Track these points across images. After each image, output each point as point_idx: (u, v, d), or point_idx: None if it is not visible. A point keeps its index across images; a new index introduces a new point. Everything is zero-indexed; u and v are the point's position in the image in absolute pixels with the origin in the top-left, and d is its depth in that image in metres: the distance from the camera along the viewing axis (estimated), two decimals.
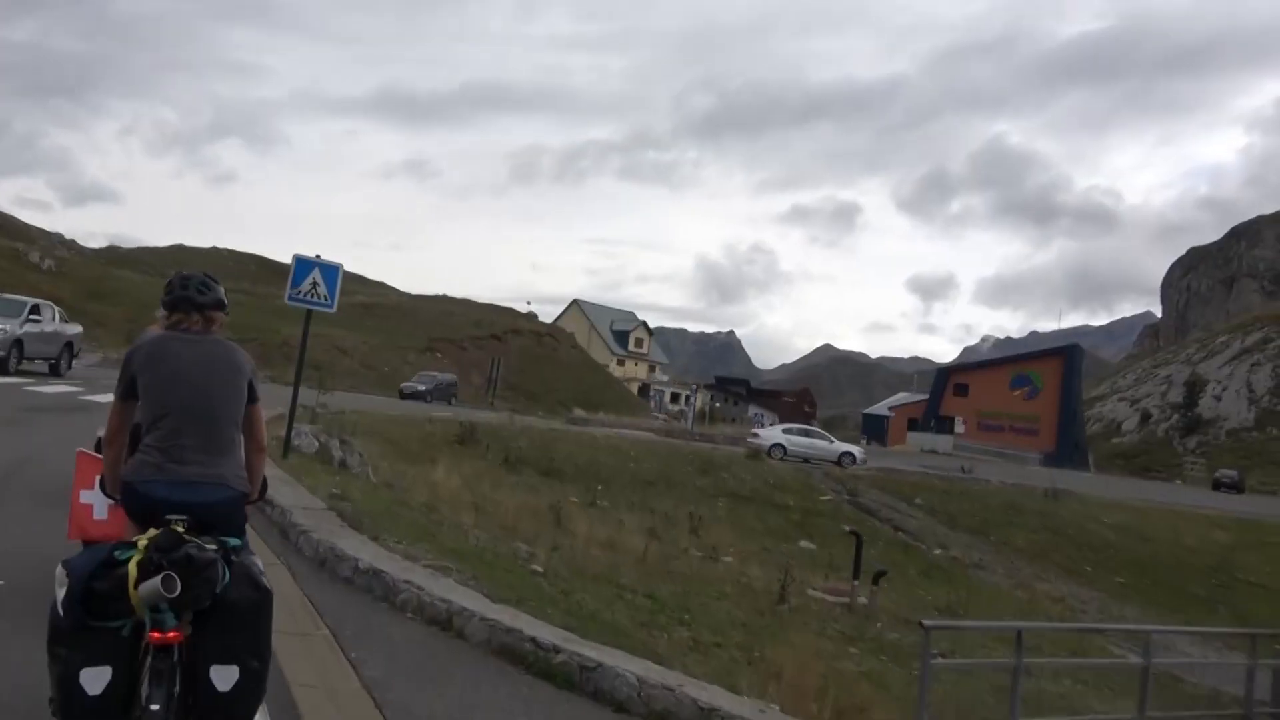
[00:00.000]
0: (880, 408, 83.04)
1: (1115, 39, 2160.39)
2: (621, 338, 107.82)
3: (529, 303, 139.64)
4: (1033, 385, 64.12)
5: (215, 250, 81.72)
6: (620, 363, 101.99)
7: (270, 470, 9.59)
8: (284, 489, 8.62)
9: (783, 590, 11.45)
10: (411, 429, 22.05)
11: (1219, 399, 78.75)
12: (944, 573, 18.51)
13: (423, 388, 46.05)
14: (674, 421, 65.60)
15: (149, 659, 2.67)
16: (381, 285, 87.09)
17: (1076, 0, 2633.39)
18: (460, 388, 59.73)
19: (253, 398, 3.26)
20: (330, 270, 11.86)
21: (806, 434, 32.22)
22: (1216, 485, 52.90)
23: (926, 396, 75.68)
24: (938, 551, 20.53)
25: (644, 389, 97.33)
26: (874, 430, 74.62)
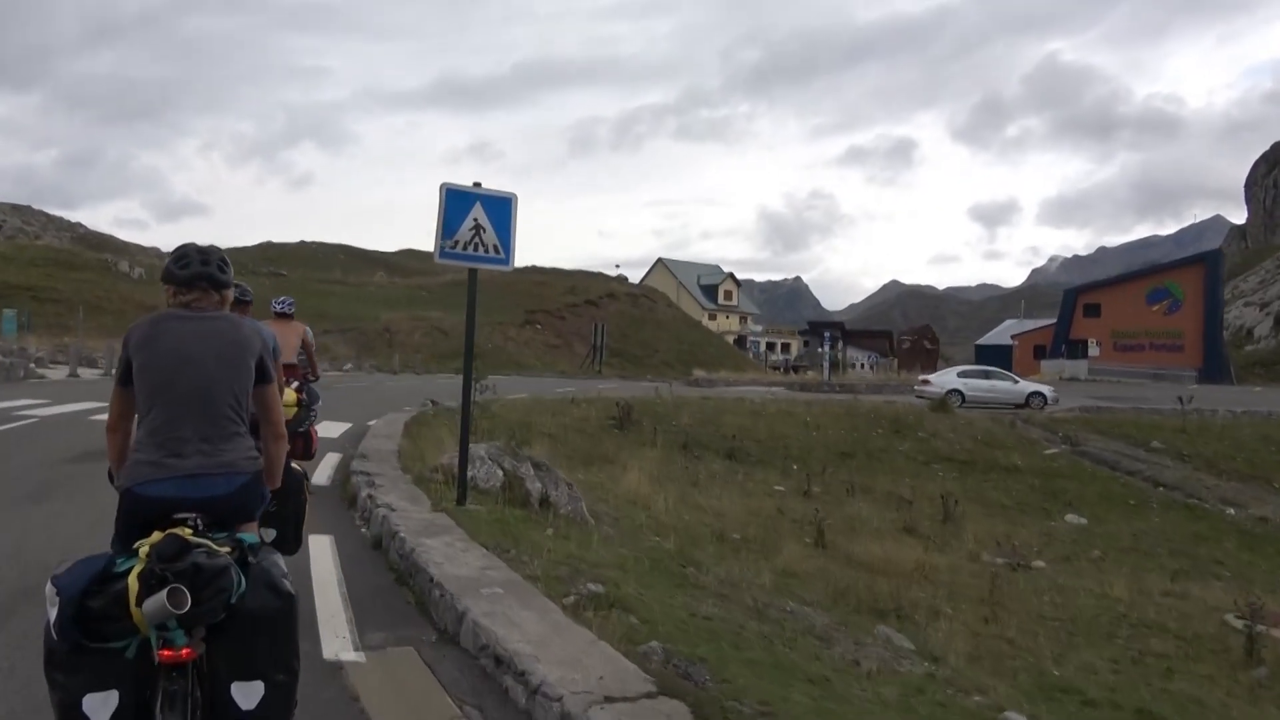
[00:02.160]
0: (995, 337, 77.43)
1: None
2: (710, 292, 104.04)
3: (618, 266, 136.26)
4: (1173, 298, 58.36)
5: (303, 244, 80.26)
6: (711, 317, 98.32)
7: (458, 541, 6.19)
8: (513, 607, 4.68)
9: (1250, 640, 7.79)
10: (561, 415, 18.96)
11: None
12: (1274, 544, 14.67)
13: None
14: (793, 374, 61.88)
15: (161, 679, 2.41)
16: None
17: None
18: (564, 358, 57.03)
19: (264, 377, 2.89)
20: (500, 205, 7.74)
21: (986, 375, 28.16)
22: None
23: (1045, 323, 70.23)
24: (1230, 512, 16.63)
25: (740, 341, 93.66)
26: (992, 362, 69.23)
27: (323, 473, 10.24)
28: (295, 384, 7.74)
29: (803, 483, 16.01)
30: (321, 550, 6.54)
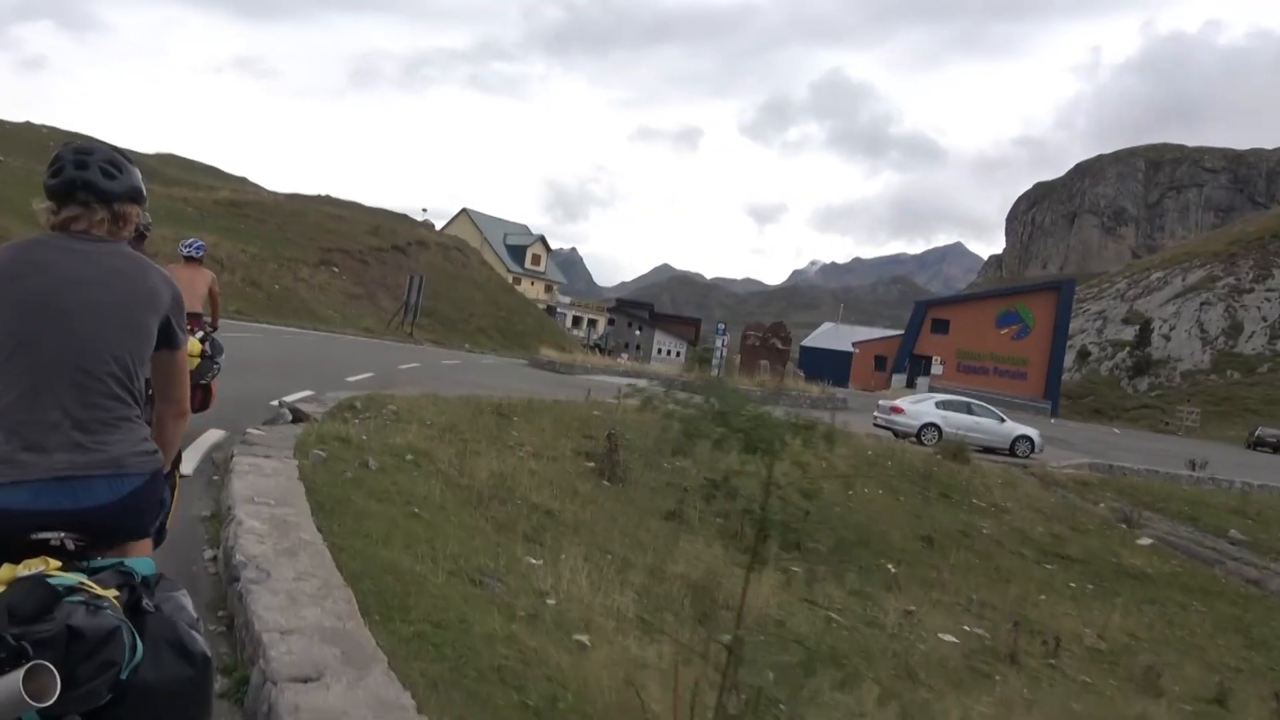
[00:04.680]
0: (823, 340, 74.69)
1: None
2: (517, 253, 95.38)
3: (424, 209, 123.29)
4: (1023, 324, 57.07)
5: (30, 126, 63.07)
6: (516, 281, 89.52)
7: None
8: None
9: None
10: (505, 444, 10.85)
11: (1168, 339, 75.27)
12: None
13: None
14: (612, 358, 54.96)
15: None
16: (244, 181, 70.88)
17: None
18: (368, 312, 46.93)
19: (169, 342, 2.08)
20: None
21: (969, 409, 22.40)
22: (1256, 444, 47.34)
23: (889, 333, 68.14)
24: None
25: (549, 311, 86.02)
26: (821, 368, 65.79)
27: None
28: (200, 334, 7.27)
29: (973, 614, 8.94)
30: None
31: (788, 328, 54.12)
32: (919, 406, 22.10)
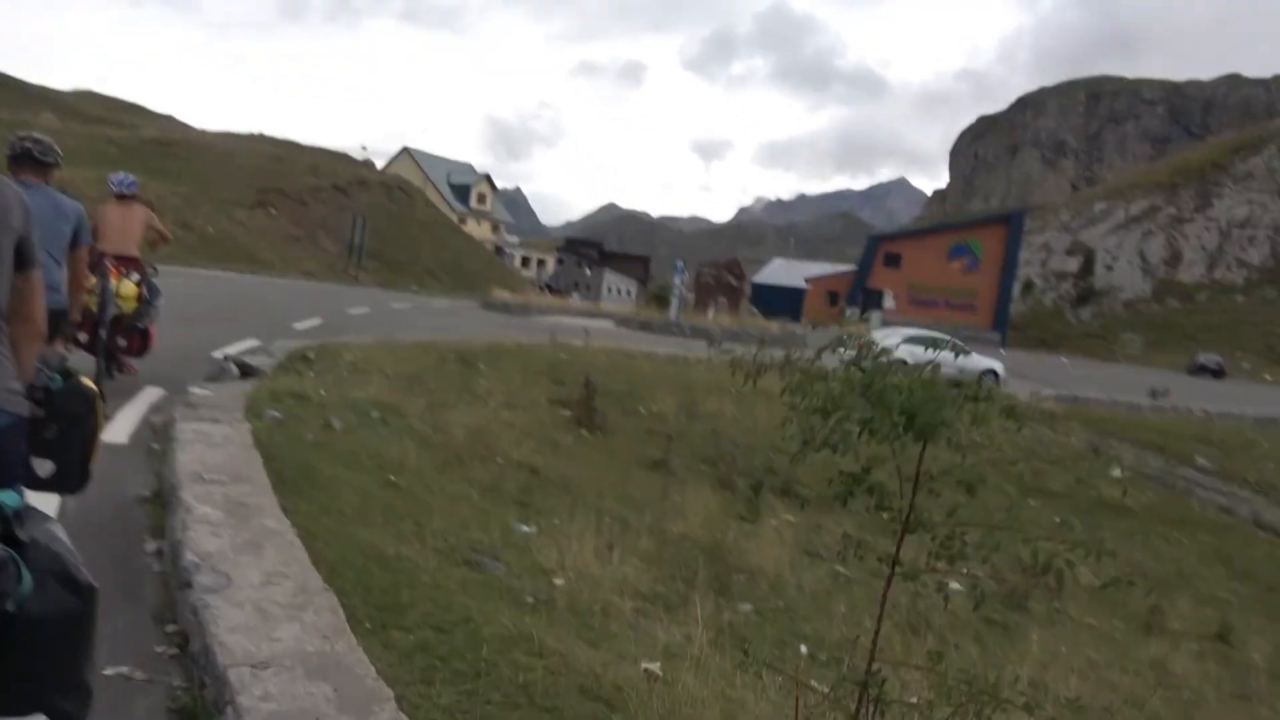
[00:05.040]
0: (774, 276, 74.23)
1: None
2: (461, 193, 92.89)
3: (364, 147, 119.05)
4: (973, 256, 57.26)
5: None
6: (462, 221, 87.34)
7: None
8: None
9: None
10: (473, 394, 10.13)
11: (1110, 269, 76.31)
12: None
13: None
14: (560, 297, 53.99)
15: None
16: (170, 120, 67.32)
17: None
18: (308, 254, 45.22)
19: (23, 262, 2.06)
20: None
21: (935, 344, 21.91)
22: (1197, 370, 48.38)
23: (841, 269, 67.83)
24: None
25: (497, 252, 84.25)
26: (774, 305, 65.58)
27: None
28: (136, 277, 7.23)
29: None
30: None
31: (741, 264, 53.68)
32: (885, 343, 21.54)
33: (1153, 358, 57.67)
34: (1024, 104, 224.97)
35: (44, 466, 2.34)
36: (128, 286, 7.17)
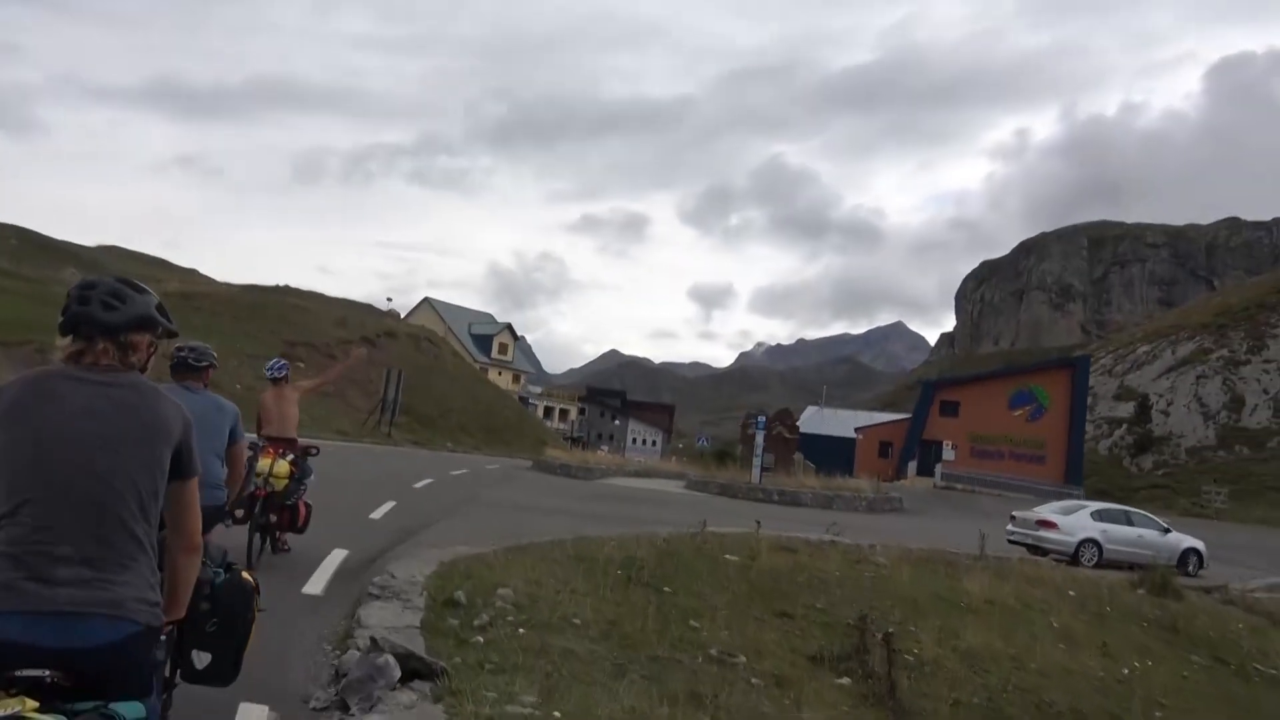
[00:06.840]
0: (815, 425, 70.71)
1: (882, 72, 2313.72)
2: (483, 343, 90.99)
3: (390, 299, 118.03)
4: (1037, 403, 53.86)
5: None
6: (484, 371, 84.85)
7: None
8: None
9: None
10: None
11: (1167, 414, 72.83)
12: None
13: None
14: (591, 450, 50.30)
15: None
16: (194, 273, 65.69)
17: (850, 34, 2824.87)
18: (339, 411, 41.95)
19: (181, 472, 2.08)
20: None
21: (1128, 518, 18.28)
22: None
23: (895, 417, 64.42)
24: None
25: (521, 402, 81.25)
26: (824, 458, 61.41)
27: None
28: (290, 457, 7.55)
29: None
30: None
31: (793, 416, 50.26)
32: (1072, 519, 17.89)
33: (1239, 511, 53.40)
34: (1026, 248, 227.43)
35: (202, 659, 2.46)
36: (281, 466, 7.49)
